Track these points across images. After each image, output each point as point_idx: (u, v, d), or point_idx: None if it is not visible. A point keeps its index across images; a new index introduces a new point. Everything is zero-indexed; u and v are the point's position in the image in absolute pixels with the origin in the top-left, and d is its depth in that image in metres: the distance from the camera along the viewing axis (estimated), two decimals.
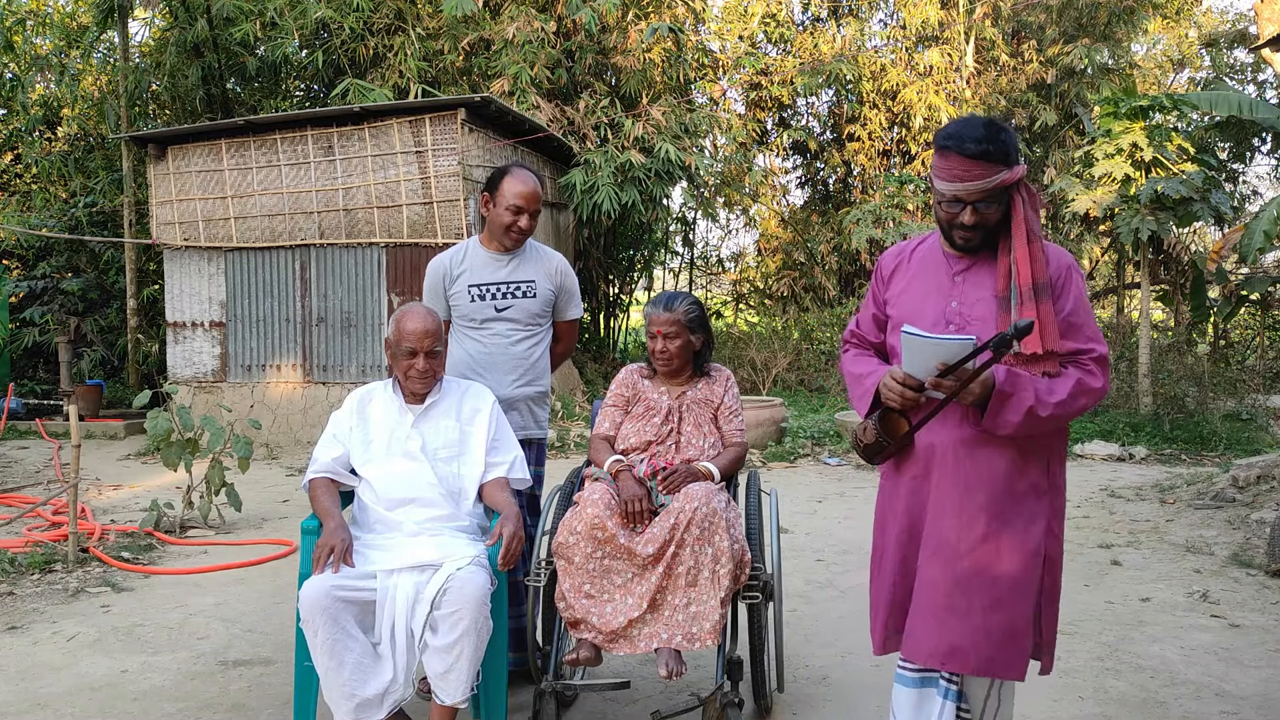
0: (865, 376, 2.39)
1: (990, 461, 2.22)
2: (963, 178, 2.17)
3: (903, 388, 2.20)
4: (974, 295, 2.29)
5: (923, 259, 2.41)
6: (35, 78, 13.88)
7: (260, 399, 9.61)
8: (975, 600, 2.18)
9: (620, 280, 14.77)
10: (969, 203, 2.20)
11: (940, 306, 2.31)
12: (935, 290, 2.34)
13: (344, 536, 2.74)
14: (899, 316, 2.35)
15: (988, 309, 2.25)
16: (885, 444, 2.29)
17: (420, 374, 2.96)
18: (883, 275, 2.49)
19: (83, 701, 3.33)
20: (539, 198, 3.35)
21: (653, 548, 2.80)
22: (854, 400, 2.43)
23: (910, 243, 2.50)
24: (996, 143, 2.16)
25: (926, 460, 2.27)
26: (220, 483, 5.81)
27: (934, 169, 2.25)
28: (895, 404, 2.23)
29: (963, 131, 2.18)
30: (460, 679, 2.62)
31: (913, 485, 2.30)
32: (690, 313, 3.20)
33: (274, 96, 12.60)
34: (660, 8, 12.73)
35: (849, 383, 2.47)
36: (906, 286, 2.40)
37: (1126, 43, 15.03)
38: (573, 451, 8.65)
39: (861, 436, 2.31)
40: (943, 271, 2.35)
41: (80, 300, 11.99)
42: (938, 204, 2.26)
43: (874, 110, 14.91)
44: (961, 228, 2.24)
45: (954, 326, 2.27)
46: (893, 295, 2.43)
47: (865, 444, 2.32)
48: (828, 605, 4.34)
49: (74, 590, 4.63)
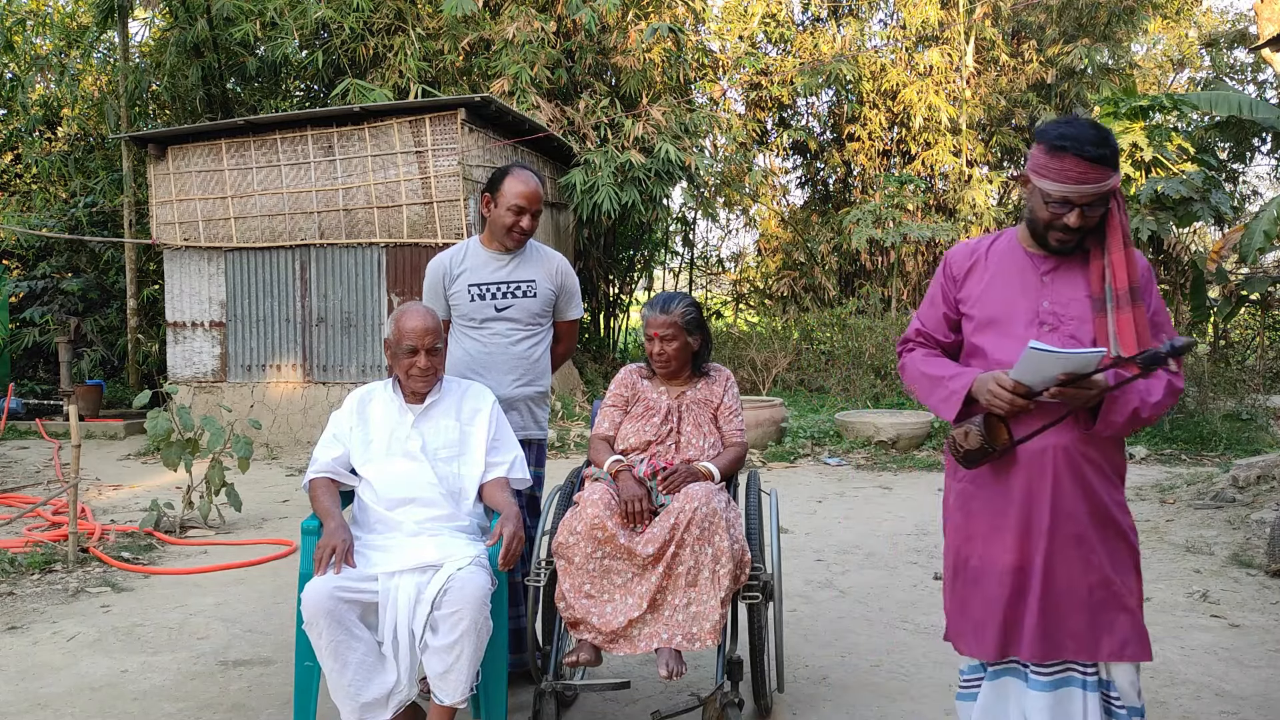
0: (947, 379, 2.34)
1: (1101, 459, 2.26)
2: (1079, 180, 2.15)
3: (1013, 395, 2.17)
4: (1066, 295, 2.28)
5: (1002, 258, 2.38)
6: (35, 78, 13.88)
7: (260, 399, 9.61)
8: (1113, 590, 2.24)
9: (620, 280, 14.77)
10: (1078, 205, 2.17)
11: (1031, 306, 2.29)
12: (1022, 290, 2.32)
13: (345, 537, 2.74)
14: (984, 316, 2.34)
15: (1082, 309, 2.25)
16: (989, 450, 2.23)
17: (422, 372, 2.96)
18: (953, 274, 2.44)
19: (83, 701, 3.33)
20: (540, 198, 3.34)
21: (653, 548, 2.80)
22: (934, 402, 2.39)
23: (980, 242, 2.46)
24: (1111, 147, 2.16)
25: (1039, 463, 2.24)
26: (220, 483, 5.81)
27: (1041, 169, 2.20)
28: (1002, 410, 2.20)
29: (1079, 134, 2.15)
30: (460, 679, 2.62)
31: (1027, 488, 2.25)
32: (687, 314, 3.20)
33: (274, 96, 12.60)
34: (660, 8, 12.73)
35: (923, 384, 2.42)
36: (988, 286, 2.36)
37: (1126, 43, 15.04)
38: (573, 451, 8.65)
39: (962, 442, 2.25)
40: (1029, 271, 2.33)
41: (80, 300, 11.98)
42: (1041, 204, 2.22)
43: (874, 110, 14.91)
44: (1064, 230, 2.21)
45: (1047, 327, 2.26)
46: (969, 295, 2.39)
47: (966, 450, 2.25)
48: (828, 605, 4.34)
49: (74, 590, 4.63)
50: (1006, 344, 2.29)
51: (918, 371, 2.44)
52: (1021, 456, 2.25)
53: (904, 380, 2.54)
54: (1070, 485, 2.23)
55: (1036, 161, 2.22)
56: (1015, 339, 2.26)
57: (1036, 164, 2.22)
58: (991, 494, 2.32)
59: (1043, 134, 2.22)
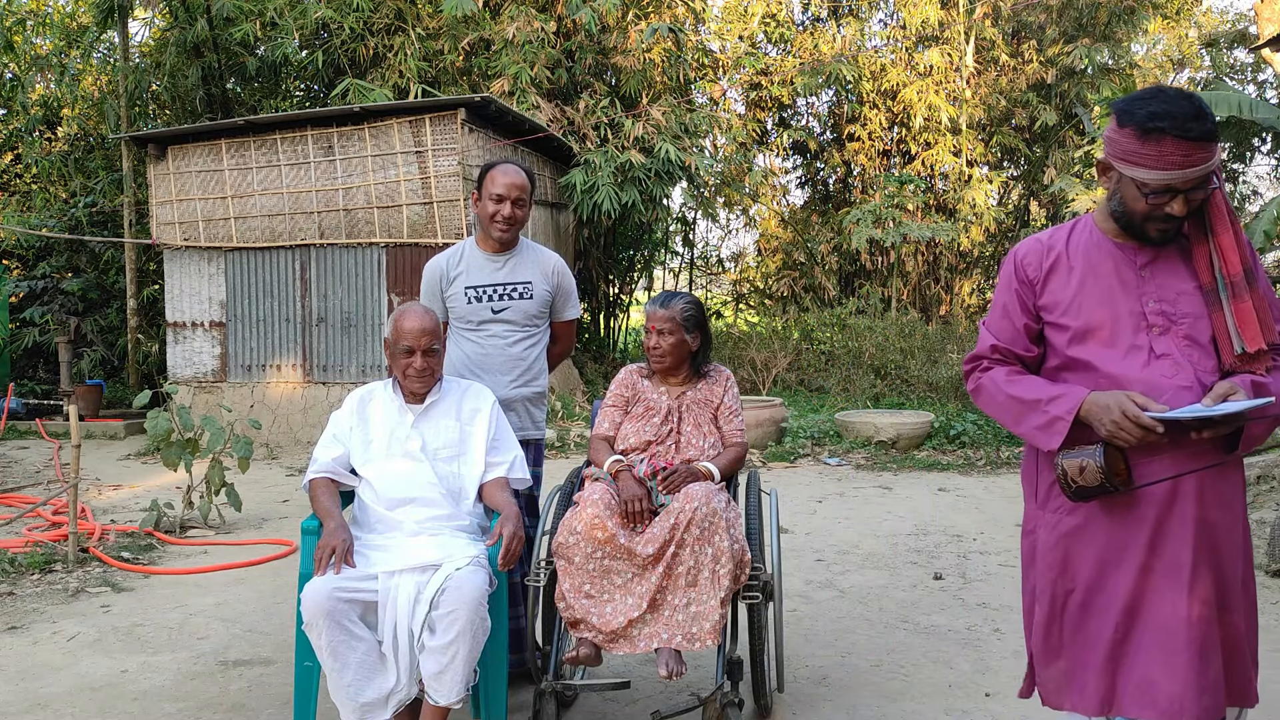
0: (1045, 402, 2.02)
1: (1229, 484, 2.02)
2: (1183, 164, 1.86)
3: (1144, 431, 1.88)
4: (1172, 290, 2.01)
5: (1088, 254, 2.07)
6: (35, 78, 13.87)
7: (260, 399, 9.61)
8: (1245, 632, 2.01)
9: (620, 280, 14.77)
10: (1183, 191, 1.89)
11: (1134, 307, 2.01)
12: (1120, 288, 2.03)
13: (345, 537, 2.74)
14: (1082, 325, 2.03)
15: (1193, 304, 1.99)
16: (1110, 488, 1.93)
17: (418, 373, 2.96)
18: (1028, 278, 2.12)
19: (83, 701, 3.33)
20: (523, 187, 3.32)
21: (653, 548, 2.80)
22: (1027, 429, 2.06)
23: (1052, 236, 2.14)
24: (1211, 119, 1.87)
25: (1170, 495, 1.95)
26: (220, 483, 5.81)
27: (1133, 156, 1.91)
28: (1130, 444, 1.91)
29: (1175, 110, 1.86)
30: (455, 679, 2.61)
31: (1157, 524, 1.96)
32: (686, 311, 3.20)
33: (274, 96, 12.59)
34: (660, 8, 12.73)
35: (1011, 408, 2.09)
36: (1080, 287, 2.05)
37: (1126, 43, 15.03)
38: (573, 451, 8.65)
39: (1077, 477, 1.94)
40: (1124, 266, 2.04)
41: (80, 300, 11.98)
42: (1136, 195, 1.94)
43: (874, 110, 14.91)
44: (1166, 219, 1.94)
45: (1158, 329, 1.99)
46: (1057, 300, 2.07)
47: (1081, 485, 1.95)
48: (828, 605, 4.34)
49: (74, 590, 4.63)
50: (1113, 354, 2.00)
51: (1003, 394, 2.10)
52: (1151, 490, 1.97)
53: (980, 403, 2.19)
54: (1217, 518, 1.97)
55: (1124, 148, 1.93)
56: (1122, 347, 1.99)
57: (1125, 150, 1.93)
58: (1108, 527, 2.01)
59: (1127, 114, 1.92)
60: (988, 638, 3.88)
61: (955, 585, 4.62)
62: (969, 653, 3.71)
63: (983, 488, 7.08)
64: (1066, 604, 2.06)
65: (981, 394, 2.18)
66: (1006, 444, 8.51)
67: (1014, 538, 5.54)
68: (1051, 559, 2.09)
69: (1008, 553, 5.22)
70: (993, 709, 3.20)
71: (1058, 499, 2.08)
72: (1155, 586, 1.96)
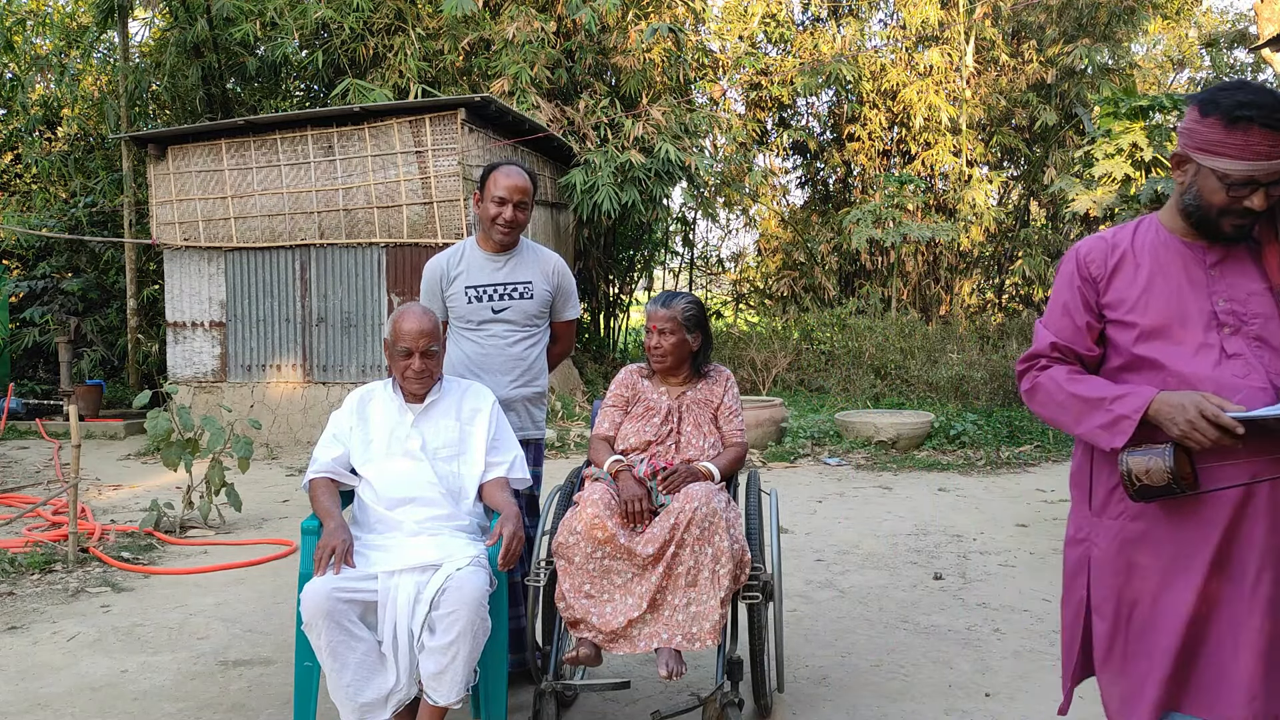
0: (1109, 400, 1.96)
1: None
2: (1269, 154, 1.83)
3: (1220, 432, 1.82)
4: (1242, 290, 1.96)
5: (1155, 252, 2.03)
6: (35, 78, 13.87)
7: (260, 399, 9.61)
8: None
9: (620, 280, 14.78)
10: (1264, 185, 1.86)
11: (1204, 306, 1.97)
12: (1190, 286, 1.99)
13: (344, 537, 2.74)
14: (1150, 323, 1.98)
15: (1263, 304, 1.95)
16: (1175, 490, 1.87)
17: (416, 374, 2.96)
18: (1091, 275, 2.07)
19: (83, 701, 3.33)
20: (525, 190, 3.32)
21: (653, 548, 2.80)
22: (1089, 428, 1.99)
23: (1117, 234, 2.09)
24: None
25: (1243, 500, 1.89)
26: (220, 483, 5.82)
27: (1216, 146, 1.88)
28: (1204, 445, 1.85)
29: (1261, 99, 1.83)
30: (454, 680, 2.61)
31: (1227, 529, 1.90)
32: (687, 311, 3.20)
33: (274, 96, 12.60)
34: (660, 8, 12.73)
35: (1073, 406, 2.02)
36: (1147, 285, 2.00)
37: (1126, 43, 15.03)
38: (573, 451, 8.65)
39: (1142, 477, 1.89)
40: (1193, 264, 2.00)
41: (80, 300, 11.98)
42: (1216, 187, 1.90)
43: (874, 110, 14.92)
44: (1243, 214, 1.90)
45: (1228, 329, 1.94)
46: (1122, 298, 2.02)
47: (1146, 485, 1.89)
48: (828, 605, 4.34)
49: (74, 590, 4.63)
50: (1183, 353, 1.95)
51: (1064, 393, 2.04)
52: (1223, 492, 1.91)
53: (1036, 404, 2.11)
54: (1272, 521, 1.89)
55: (1207, 137, 1.89)
56: (1192, 346, 1.95)
57: (1207, 140, 1.89)
58: (1174, 532, 1.95)
59: (1212, 104, 1.88)
60: (988, 638, 3.88)
61: (955, 585, 4.62)
62: (969, 653, 3.71)
63: (983, 488, 7.08)
64: (1132, 615, 2.00)
65: (1039, 393, 2.10)
66: (1006, 444, 8.51)
67: (1014, 537, 5.54)
68: (1115, 567, 2.02)
69: (1008, 553, 5.22)
70: (993, 709, 3.21)
71: (1119, 504, 2.02)
72: (1223, 594, 1.91)
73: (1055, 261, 14.32)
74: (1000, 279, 16.14)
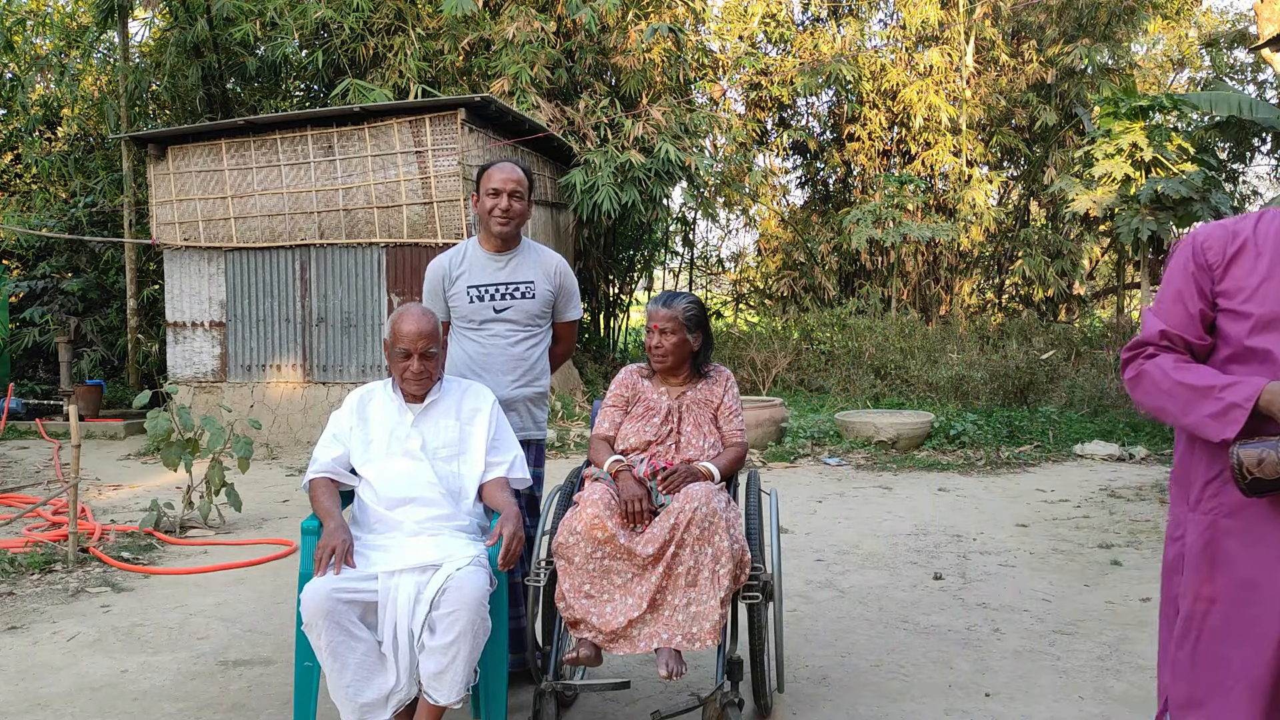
0: (1219, 389, 1.90)
1: None
2: None
3: None
4: None
5: (1278, 242, 1.96)
6: (35, 78, 13.87)
7: (260, 399, 9.61)
8: None
9: (620, 280, 14.78)
10: None
11: None
12: None
13: (344, 537, 2.74)
14: (1266, 313, 1.91)
15: None
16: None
17: (415, 375, 2.96)
18: (1207, 262, 2.00)
19: (83, 701, 3.33)
20: (519, 180, 3.34)
21: (653, 548, 2.80)
22: (1197, 418, 1.93)
23: (1239, 223, 2.04)
24: None
25: None
26: (220, 483, 5.82)
27: None
28: None
29: None
30: (455, 680, 2.61)
31: None
32: (688, 311, 3.20)
33: (274, 96, 12.60)
34: (660, 8, 12.73)
35: (1180, 395, 1.96)
36: (1267, 275, 1.93)
37: (1126, 43, 15.04)
38: (573, 451, 8.65)
39: (1254, 469, 1.82)
40: None
41: (80, 300, 11.98)
42: None
43: (874, 110, 14.92)
44: None
45: None
46: (1239, 287, 1.96)
47: (1258, 478, 1.83)
48: (828, 605, 4.34)
49: (74, 590, 4.63)
50: None
51: (1170, 381, 1.97)
52: None
53: (1140, 392, 2.05)
54: None
55: None
56: None
57: None
58: (1273, 528, 1.89)
59: None
60: (988, 638, 3.88)
61: (955, 585, 4.62)
62: (969, 653, 3.71)
63: (983, 488, 7.08)
64: (1207, 616, 1.94)
65: (1144, 381, 2.03)
66: (1006, 444, 8.51)
67: (1014, 537, 5.54)
68: (1197, 562, 1.97)
69: (1008, 553, 5.22)
70: (993, 709, 3.21)
71: (1212, 499, 1.97)
72: None
73: (1055, 261, 14.33)
74: (1000, 279, 16.15)
